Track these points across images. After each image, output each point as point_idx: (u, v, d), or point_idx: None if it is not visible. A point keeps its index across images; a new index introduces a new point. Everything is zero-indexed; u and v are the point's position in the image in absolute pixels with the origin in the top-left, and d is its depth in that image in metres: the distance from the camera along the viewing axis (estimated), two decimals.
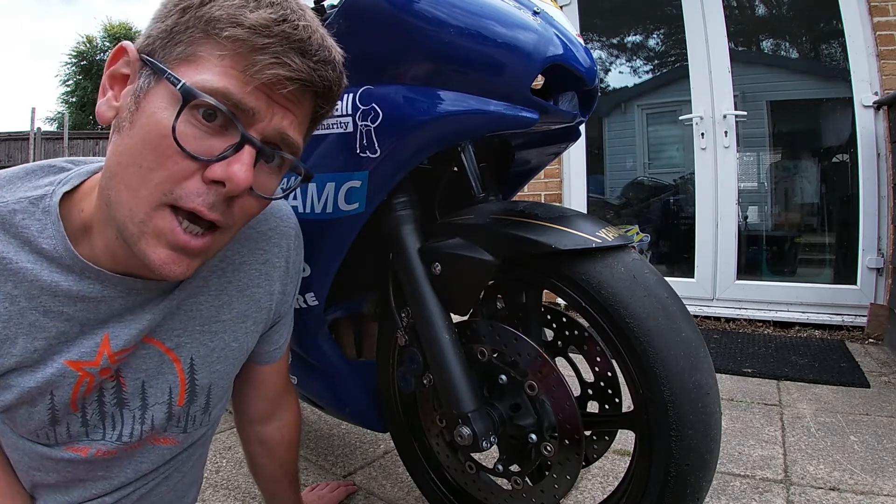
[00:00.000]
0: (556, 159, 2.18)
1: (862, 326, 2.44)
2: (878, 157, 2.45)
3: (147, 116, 0.51)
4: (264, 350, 0.81)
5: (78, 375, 0.60)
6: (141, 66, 0.53)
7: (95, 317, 0.59)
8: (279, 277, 0.76)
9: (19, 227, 0.56)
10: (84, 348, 0.59)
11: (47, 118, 18.04)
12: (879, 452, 1.35)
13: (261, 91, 0.52)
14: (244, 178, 0.51)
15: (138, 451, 0.70)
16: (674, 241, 3.19)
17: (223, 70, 0.51)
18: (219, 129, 0.52)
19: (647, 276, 0.74)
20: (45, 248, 0.56)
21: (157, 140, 0.50)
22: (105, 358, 0.60)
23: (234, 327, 0.72)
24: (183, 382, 0.68)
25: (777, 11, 3.17)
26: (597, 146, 3.41)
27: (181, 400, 0.69)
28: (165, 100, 0.51)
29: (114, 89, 0.55)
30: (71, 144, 10.51)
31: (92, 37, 17.46)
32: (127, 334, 0.61)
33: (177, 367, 0.67)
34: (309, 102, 0.57)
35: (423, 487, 1.06)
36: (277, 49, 0.50)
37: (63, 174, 0.61)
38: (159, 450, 0.72)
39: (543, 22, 0.75)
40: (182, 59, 0.52)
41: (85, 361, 0.59)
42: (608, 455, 1.03)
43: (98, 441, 0.66)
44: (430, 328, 0.82)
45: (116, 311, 0.60)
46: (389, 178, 0.81)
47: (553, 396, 0.78)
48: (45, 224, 0.56)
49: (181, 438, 0.73)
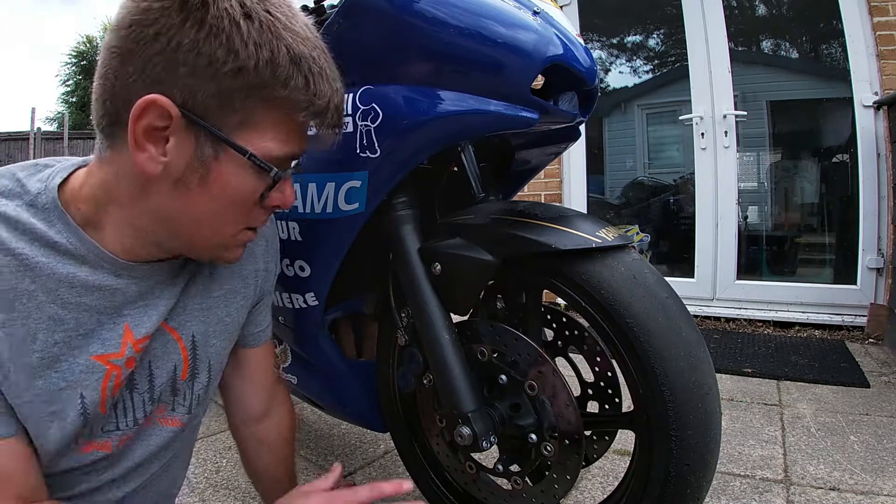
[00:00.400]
0: (556, 159, 2.18)
1: (862, 326, 2.44)
2: (878, 157, 2.45)
3: (230, 185, 0.57)
4: (250, 332, 0.82)
5: (105, 369, 0.61)
6: (186, 125, 0.53)
7: (111, 305, 0.61)
8: (261, 254, 0.79)
9: (26, 225, 0.56)
10: (107, 340, 0.61)
11: (47, 118, 18.02)
12: (879, 452, 1.35)
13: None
14: (292, 202, 0.63)
15: (147, 430, 0.71)
16: (674, 241, 3.19)
17: (283, 137, 0.58)
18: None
19: (647, 276, 0.74)
20: (57, 242, 0.57)
21: (245, 204, 0.59)
22: (129, 347, 0.62)
23: (227, 302, 0.75)
24: (186, 359, 0.71)
25: (777, 11, 3.17)
26: (597, 146, 3.41)
27: (184, 374, 0.72)
28: (243, 168, 0.56)
29: (155, 145, 0.53)
30: (71, 144, 10.50)
31: (92, 37, 17.45)
32: (146, 321, 0.64)
33: (180, 345, 0.70)
34: None
35: (423, 487, 1.06)
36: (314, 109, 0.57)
37: (48, 170, 0.61)
38: (166, 431, 0.73)
39: (543, 22, 0.75)
40: (239, 125, 0.55)
41: (110, 353, 0.61)
42: (608, 455, 1.03)
43: (114, 432, 0.67)
44: (430, 328, 0.82)
45: (131, 299, 0.62)
46: (389, 178, 0.81)
47: (553, 396, 0.78)
48: (50, 220, 0.57)
49: (186, 420, 0.75)
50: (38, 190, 0.58)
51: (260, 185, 0.58)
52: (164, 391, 0.71)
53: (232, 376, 0.85)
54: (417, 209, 0.88)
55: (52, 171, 0.60)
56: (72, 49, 17.93)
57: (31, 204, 0.57)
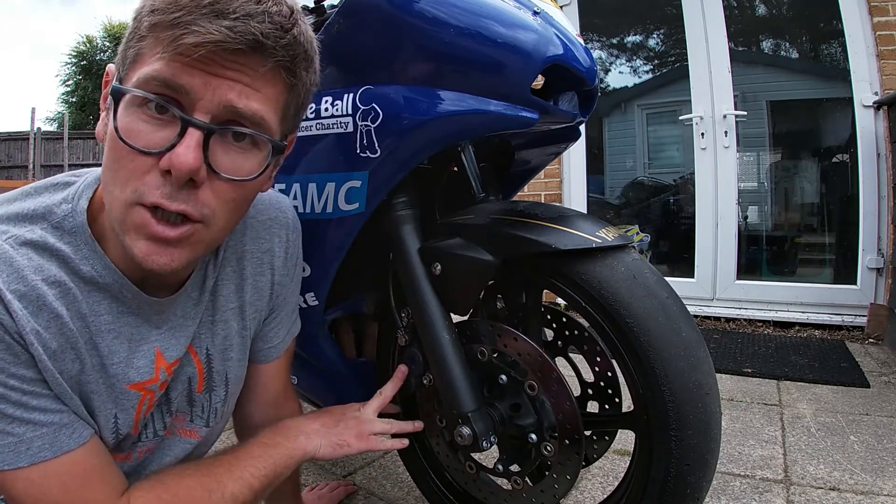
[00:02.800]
0: (556, 159, 2.18)
1: (862, 326, 2.44)
2: (878, 157, 2.45)
3: (109, 125, 0.53)
4: (259, 347, 0.81)
5: (140, 395, 0.63)
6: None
7: (139, 333, 0.62)
8: (279, 267, 0.78)
9: (53, 249, 0.56)
10: (141, 368, 0.62)
11: (47, 118, 18.05)
12: (879, 452, 1.35)
13: (192, 67, 0.51)
14: (187, 161, 0.50)
15: (167, 441, 0.73)
16: (674, 241, 3.19)
17: (154, 58, 0.51)
18: (169, 119, 0.52)
19: (647, 276, 0.74)
20: (84, 272, 0.57)
21: (113, 142, 0.52)
22: (163, 371, 0.64)
23: (242, 315, 0.75)
24: (201, 372, 0.71)
25: (777, 11, 3.17)
26: (597, 146, 3.41)
27: (200, 387, 0.72)
28: (119, 106, 0.52)
29: (105, 111, 0.57)
30: (71, 144, 10.50)
31: (92, 37, 17.47)
32: (175, 345, 0.65)
33: (194, 358, 0.70)
34: (255, 65, 0.53)
35: (423, 487, 1.06)
36: (186, 19, 0.49)
37: (72, 188, 0.61)
38: (183, 443, 0.74)
39: (543, 22, 0.75)
40: (131, 64, 0.53)
41: (145, 381, 0.63)
42: (608, 455, 1.03)
43: (138, 444, 0.68)
44: (430, 328, 0.82)
45: (157, 325, 0.64)
46: (389, 178, 0.81)
47: (553, 396, 0.78)
48: (76, 244, 0.57)
49: (204, 433, 0.75)
50: (64, 212, 0.58)
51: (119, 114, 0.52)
52: (181, 402, 0.71)
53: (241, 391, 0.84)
54: (417, 209, 0.88)
55: (76, 191, 0.60)
56: (72, 49, 17.94)
57: (57, 227, 0.57)
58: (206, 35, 0.49)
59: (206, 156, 0.52)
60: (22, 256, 0.54)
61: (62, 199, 0.59)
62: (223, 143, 0.54)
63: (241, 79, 0.52)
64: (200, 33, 0.49)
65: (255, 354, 0.81)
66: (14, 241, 0.55)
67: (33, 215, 0.57)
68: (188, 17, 0.49)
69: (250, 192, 0.60)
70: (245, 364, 0.78)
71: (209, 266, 0.70)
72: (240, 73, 0.52)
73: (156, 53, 0.51)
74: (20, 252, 0.55)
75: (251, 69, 0.53)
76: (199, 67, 0.51)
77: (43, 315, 0.54)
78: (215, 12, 0.49)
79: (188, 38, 0.49)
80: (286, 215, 0.79)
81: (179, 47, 0.49)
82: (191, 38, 0.49)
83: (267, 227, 0.76)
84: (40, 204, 0.58)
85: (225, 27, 0.49)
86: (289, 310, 0.84)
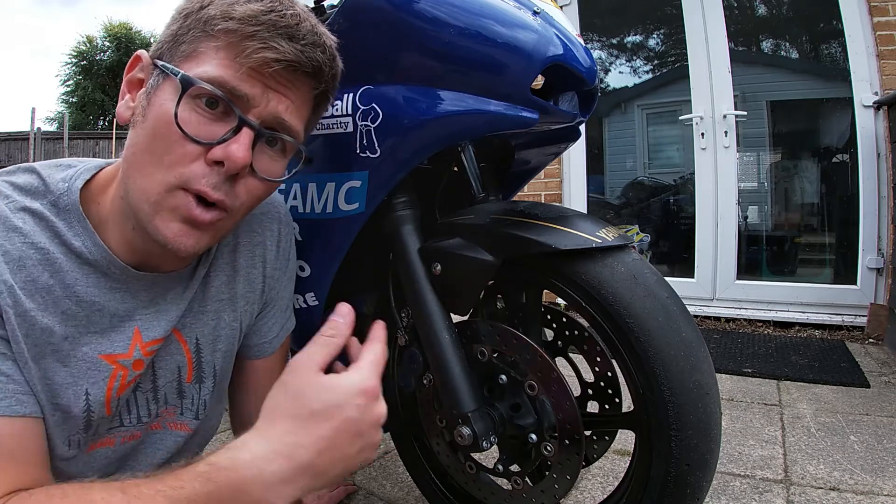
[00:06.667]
0: (556, 159, 2.18)
1: (862, 326, 2.44)
2: (878, 157, 2.45)
3: (156, 109, 0.56)
4: (254, 342, 0.81)
5: (112, 368, 0.63)
6: (152, 69, 0.59)
7: (123, 309, 0.63)
8: (271, 261, 0.79)
9: (49, 222, 0.59)
10: (116, 341, 0.63)
11: (47, 118, 18.09)
12: (879, 452, 1.35)
13: (254, 78, 0.57)
14: (242, 157, 0.56)
15: (157, 434, 0.72)
16: (674, 241, 3.19)
17: (219, 61, 0.56)
18: (220, 115, 0.57)
19: (647, 276, 0.74)
20: (74, 246, 0.59)
21: (164, 128, 0.56)
22: (138, 350, 0.64)
23: (233, 307, 0.75)
24: (190, 362, 0.72)
25: (777, 11, 3.17)
26: (597, 146, 3.41)
27: (189, 377, 0.72)
28: (170, 92, 0.56)
29: (131, 93, 0.61)
30: (71, 144, 10.50)
31: (92, 37, 17.51)
32: (157, 326, 0.66)
33: (183, 347, 0.71)
34: (304, 87, 0.61)
35: (423, 487, 1.06)
36: (265, 35, 0.55)
37: (72, 170, 0.63)
38: (174, 436, 0.74)
39: (543, 22, 0.75)
40: (185, 57, 0.58)
41: (118, 354, 0.63)
42: (608, 455, 1.03)
43: (118, 429, 0.68)
44: (430, 328, 0.82)
45: (142, 304, 0.65)
46: (389, 178, 0.81)
47: (553, 396, 0.78)
48: (69, 221, 0.60)
49: (194, 426, 0.75)
50: (61, 191, 0.61)
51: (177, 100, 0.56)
52: (170, 392, 0.71)
53: (234, 386, 0.84)
54: (417, 209, 0.88)
55: (75, 172, 0.63)
56: (72, 49, 17.97)
57: (53, 203, 0.60)
58: (284, 53, 0.56)
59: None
60: (17, 219, 0.58)
61: (61, 179, 0.62)
62: (261, 146, 0.60)
63: (290, 95, 0.60)
64: (279, 51, 0.56)
65: (250, 350, 0.81)
66: (14, 205, 0.59)
67: (36, 190, 0.61)
68: (266, 33, 0.55)
69: (270, 192, 0.66)
70: (232, 358, 0.78)
71: (202, 255, 0.71)
72: (290, 90, 0.59)
73: (220, 57, 0.56)
74: (17, 216, 0.58)
75: (302, 91, 0.61)
76: (260, 79, 0.57)
77: (22, 274, 0.56)
78: (289, 35, 0.56)
79: (268, 53, 0.55)
80: (278, 210, 0.81)
81: (257, 60, 0.55)
82: (270, 54, 0.55)
83: (259, 221, 0.78)
84: (43, 181, 0.61)
85: (298, 49, 0.56)
86: (282, 305, 0.84)
